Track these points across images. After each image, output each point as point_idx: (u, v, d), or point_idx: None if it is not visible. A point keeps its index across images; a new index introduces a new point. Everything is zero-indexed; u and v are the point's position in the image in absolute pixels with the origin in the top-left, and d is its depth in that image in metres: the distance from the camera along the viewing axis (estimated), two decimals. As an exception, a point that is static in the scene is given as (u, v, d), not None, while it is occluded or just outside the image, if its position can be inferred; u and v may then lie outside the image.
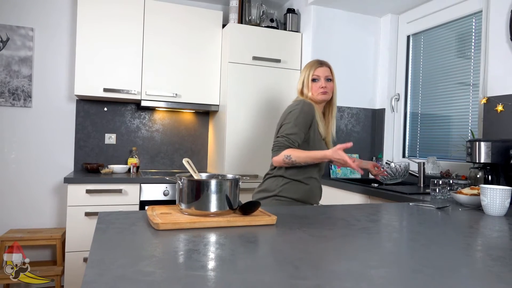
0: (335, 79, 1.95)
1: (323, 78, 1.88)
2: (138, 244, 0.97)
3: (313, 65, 1.91)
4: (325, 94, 1.88)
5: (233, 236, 1.06)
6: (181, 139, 3.39)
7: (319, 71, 1.89)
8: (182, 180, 1.21)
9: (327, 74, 1.90)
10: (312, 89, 1.88)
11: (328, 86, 1.88)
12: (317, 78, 1.88)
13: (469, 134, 2.54)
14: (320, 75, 1.88)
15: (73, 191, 2.55)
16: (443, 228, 1.30)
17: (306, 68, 1.92)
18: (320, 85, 1.87)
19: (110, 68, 2.86)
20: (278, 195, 1.84)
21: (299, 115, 1.80)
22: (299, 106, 1.82)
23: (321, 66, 1.91)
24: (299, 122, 1.79)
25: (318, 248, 1.01)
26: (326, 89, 1.87)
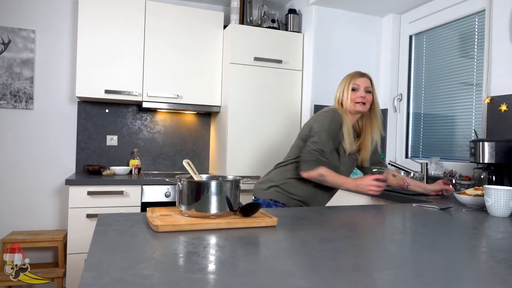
0: (375, 93, 1.92)
1: (363, 88, 1.85)
2: (137, 246, 0.96)
3: (355, 75, 1.89)
4: (362, 106, 1.84)
5: (233, 238, 1.05)
6: (182, 141, 3.38)
7: (360, 81, 1.86)
8: (182, 182, 1.20)
9: (367, 85, 1.87)
10: (350, 98, 1.84)
11: (367, 97, 1.84)
12: (356, 88, 1.85)
13: (472, 134, 2.52)
14: (360, 84, 1.85)
15: (74, 193, 2.54)
16: (447, 230, 1.28)
17: (347, 78, 1.90)
18: (359, 95, 1.83)
19: (111, 69, 2.85)
20: (279, 186, 1.87)
21: (330, 127, 1.80)
22: (329, 115, 1.82)
23: (362, 76, 1.88)
24: (331, 134, 1.80)
25: (319, 251, 1.00)
26: (364, 99, 1.83)
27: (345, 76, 1.93)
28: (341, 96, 1.88)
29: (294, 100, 3.10)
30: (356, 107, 1.83)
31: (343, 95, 1.87)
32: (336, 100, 1.91)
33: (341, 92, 1.89)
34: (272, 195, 1.85)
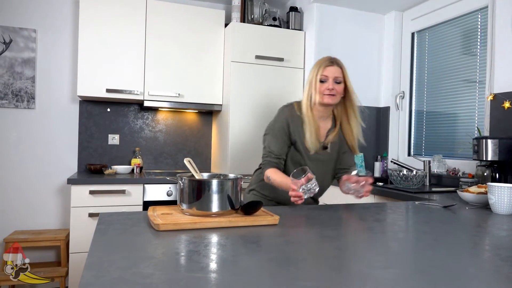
0: (349, 81, 1.72)
1: (332, 79, 1.66)
2: (138, 245, 0.95)
3: (323, 63, 1.69)
4: (331, 97, 1.66)
5: (234, 237, 1.04)
6: (184, 139, 3.37)
7: (329, 71, 1.67)
8: (183, 180, 1.20)
9: (337, 75, 1.68)
10: (318, 90, 1.67)
11: (336, 88, 1.66)
12: (325, 79, 1.67)
13: (475, 131, 2.50)
14: (328, 75, 1.67)
15: (76, 192, 2.54)
16: (450, 228, 1.27)
17: (315, 67, 1.72)
18: (326, 86, 1.66)
19: (112, 68, 2.85)
20: (255, 189, 1.86)
21: (275, 125, 1.72)
22: (277, 113, 1.75)
23: (331, 65, 1.69)
24: (277, 132, 1.70)
25: (321, 249, 0.99)
26: (333, 91, 1.66)
27: (315, 64, 1.73)
28: (310, 87, 1.71)
29: (296, 98, 3.07)
30: (324, 99, 1.67)
31: (311, 87, 1.70)
32: (305, 92, 1.73)
33: (309, 83, 1.71)
34: (251, 198, 1.84)
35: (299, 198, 1.38)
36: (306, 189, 1.35)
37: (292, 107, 1.74)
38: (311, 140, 1.68)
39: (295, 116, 1.71)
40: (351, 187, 1.51)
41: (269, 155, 1.70)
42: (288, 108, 1.74)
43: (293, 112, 1.72)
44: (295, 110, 1.73)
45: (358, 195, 1.54)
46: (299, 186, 1.37)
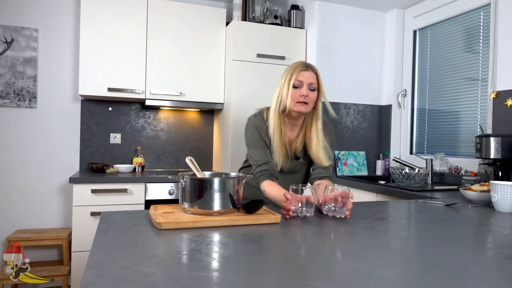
0: (323, 89, 1.59)
1: (306, 85, 1.53)
2: (139, 244, 0.95)
3: (297, 67, 1.56)
4: (304, 106, 1.54)
5: (236, 235, 1.04)
6: (186, 138, 3.37)
7: (303, 76, 1.53)
8: (185, 179, 1.19)
9: (312, 81, 1.54)
10: (291, 96, 1.54)
11: (310, 96, 1.54)
12: (299, 85, 1.54)
13: (478, 129, 2.49)
14: (303, 80, 1.53)
15: (78, 191, 2.54)
16: (452, 226, 1.26)
17: (288, 71, 1.57)
18: (300, 93, 1.53)
19: (114, 67, 2.85)
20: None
21: (247, 136, 1.65)
22: (247, 125, 1.68)
23: (306, 69, 1.55)
24: (254, 143, 1.62)
25: (323, 248, 0.99)
26: (306, 99, 1.53)
27: (287, 68, 1.60)
28: (281, 92, 1.58)
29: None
30: (297, 107, 1.54)
31: (283, 92, 1.56)
32: (275, 97, 1.61)
33: (281, 87, 1.58)
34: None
35: (287, 212, 1.23)
36: (299, 209, 1.24)
37: (260, 116, 1.65)
38: (278, 156, 1.60)
39: (262, 125, 1.62)
40: (331, 208, 1.27)
41: (256, 164, 1.60)
42: (255, 117, 1.66)
43: (261, 121, 1.63)
44: (263, 119, 1.63)
45: (340, 215, 1.27)
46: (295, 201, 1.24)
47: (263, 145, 1.62)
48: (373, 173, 3.15)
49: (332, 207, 1.26)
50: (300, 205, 1.22)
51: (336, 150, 3.05)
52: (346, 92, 3.10)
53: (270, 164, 1.60)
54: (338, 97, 3.08)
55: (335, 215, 1.26)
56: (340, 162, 3.04)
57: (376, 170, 3.15)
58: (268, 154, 1.62)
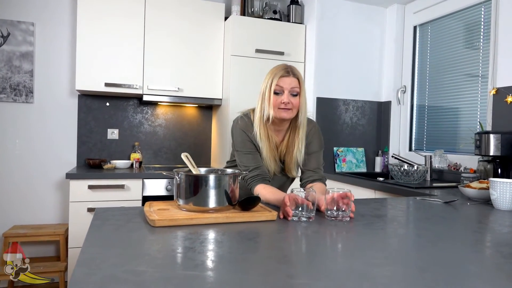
0: (304, 94, 1.56)
1: (288, 91, 1.50)
2: (132, 241, 0.94)
3: (277, 73, 1.51)
4: (287, 112, 1.51)
5: (231, 233, 1.03)
6: (184, 134, 3.35)
7: (284, 81, 1.50)
8: (180, 175, 1.18)
9: (294, 86, 1.50)
10: (273, 103, 1.50)
11: (292, 102, 1.50)
12: (279, 91, 1.51)
13: (477, 126, 2.47)
14: (284, 86, 1.50)
15: (75, 187, 2.53)
16: (451, 224, 1.25)
17: (269, 76, 1.54)
18: (282, 99, 1.49)
19: (111, 62, 2.82)
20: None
21: (236, 140, 1.60)
22: (234, 129, 1.62)
23: (287, 75, 1.51)
24: (242, 147, 1.57)
25: (319, 246, 0.97)
26: (288, 105, 1.50)
27: (268, 72, 1.56)
28: (262, 99, 1.55)
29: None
30: (279, 113, 1.51)
31: (264, 99, 1.53)
32: (258, 104, 1.57)
33: (263, 94, 1.55)
34: None
35: (288, 215, 1.18)
36: (299, 213, 1.18)
37: (247, 118, 1.60)
38: (270, 164, 1.58)
39: (250, 127, 1.58)
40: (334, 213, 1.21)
41: (247, 169, 1.53)
42: (242, 120, 1.60)
43: (248, 124, 1.58)
44: (250, 121, 1.58)
45: (345, 219, 1.21)
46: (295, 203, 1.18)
47: (253, 149, 1.57)
48: (372, 169, 3.14)
49: (335, 211, 1.21)
50: (300, 209, 1.18)
51: (335, 147, 3.04)
52: (345, 88, 3.08)
53: (261, 168, 1.56)
54: (337, 93, 3.06)
55: (339, 219, 1.20)
56: (339, 159, 3.03)
57: (375, 166, 3.13)
58: (258, 158, 1.57)
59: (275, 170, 1.63)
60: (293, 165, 1.62)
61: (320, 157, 1.67)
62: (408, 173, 2.33)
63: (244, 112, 1.66)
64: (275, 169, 1.63)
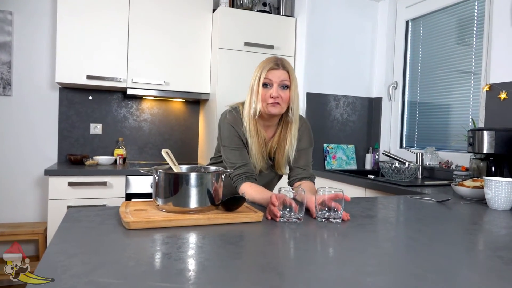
0: (296, 88, 1.47)
1: (277, 84, 1.42)
2: (103, 247, 0.85)
3: (266, 65, 1.44)
4: (274, 107, 1.42)
5: (213, 236, 0.95)
6: (170, 129, 3.26)
7: (273, 74, 1.42)
8: (159, 173, 1.09)
9: (283, 79, 1.42)
10: (261, 96, 1.42)
11: (282, 96, 1.42)
12: (269, 84, 1.43)
13: (469, 123, 2.43)
14: (273, 79, 1.42)
15: (54, 184, 2.42)
16: (445, 225, 1.19)
17: (258, 69, 1.46)
18: (270, 93, 1.41)
19: (93, 54, 2.71)
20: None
21: (223, 135, 1.51)
22: (222, 123, 1.53)
23: (277, 68, 1.43)
24: (229, 143, 1.49)
25: (307, 251, 0.90)
26: (277, 99, 1.41)
27: (259, 64, 1.48)
28: (251, 93, 1.47)
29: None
30: (267, 108, 1.43)
31: (253, 93, 1.45)
32: (248, 98, 1.49)
33: (251, 88, 1.47)
34: None
35: (275, 216, 1.11)
36: (287, 214, 1.10)
37: (236, 112, 1.51)
38: (257, 161, 1.50)
39: (239, 122, 1.50)
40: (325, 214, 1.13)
41: (233, 166, 1.46)
42: (231, 114, 1.51)
43: (237, 119, 1.50)
44: (239, 116, 1.50)
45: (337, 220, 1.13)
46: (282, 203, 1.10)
47: (241, 145, 1.49)
48: (362, 167, 3.09)
49: (326, 212, 1.12)
50: (289, 209, 1.10)
51: (325, 143, 2.97)
52: (336, 83, 3.01)
53: (248, 166, 1.48)
54: (327, 88, 2.99)
55: (331, 220, 1.12)
56: (329, 156, 2.96)
57: (365, 163, 3.08)
58: (246, 155, 1.50)
59: (262, 167, 1.56)
60: (284, 162, 1.55)
61: (309, 155, 1.60)
62: (399, 170, 2.28)
63: (232, 106, 1.57)
64: (262, 166, 1.55)
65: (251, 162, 1.51)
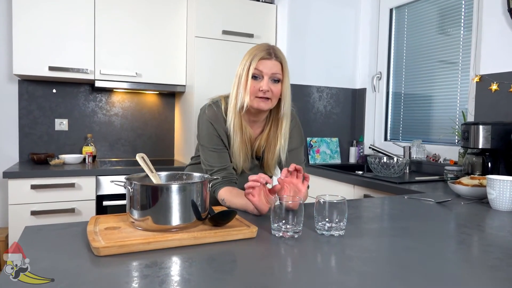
0: (288, 81, 1.32)
1: (268, 77, 1.28)
2: (64, 280, 0.68)
3: (257, 54, 1.28)
4: (263, 102, 1.28)
5: (201, 262, 0.79)
6: (143, 124, 3.04)
7: (264, 65, 1.27)
8: (133, 186, 0.92)
9: (275, 71, 1.28)
10: (250, 89, 1.28)
11: (273, 90, 1.28)
12: (259, 75, 1.28)
13: (456, 115, 2.37)
14: (264, 71, 1.27)
15: (15, 187, 2.18)
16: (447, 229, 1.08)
17: (247, 57, 1.30)
18: (260, 86, 1.27)
19: (55, 43, 2.45)
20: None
21: (201, 134, 1.38)
22: (200, 120, 1.39)
23: (269, 58, 1.28)
24: (207, 143, 1.35)
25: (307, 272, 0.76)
26: (267, 94, 1.28)
27: (247, 52, 1.33)
28: (238, 83, 1.32)
29: (267, 79, 2.82)
30: (256, 103, 1.28)
31: (240, 83, 1.30)
32: (234, 89, 1.34)
33: (238, 77, 1.32)
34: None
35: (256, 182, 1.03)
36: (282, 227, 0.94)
37: (217, 107, 1.37)
38: (239, 161, 1.36)
39: (220, 118, 1.35)
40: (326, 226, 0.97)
41: (210, 170, 1.34)
42: (210, 109, 1.37)
43: (218, 114, 1.36)
44: (220, 110, 1.36)
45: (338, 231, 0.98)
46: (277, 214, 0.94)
47: (220, 145, 1.35)
48: (346, 160, 2.99)
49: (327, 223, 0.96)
50: (284, 222, 0.95)
51: (308, 137, 2.85)
52: (318, 74, 2.89)
53: (228, 170, 1.35)
54: (310, 79, 2.86)
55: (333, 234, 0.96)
56: (313, 150, 2.85)
57: (349, 157, 2.99)
58: (226, 157, 1.36)
59: (245, 167, 1.41)
60: (274, 163, 1.42)
61: (301, 154, 1.47)
62: (389, 166, 2.19)
63: (213, 100, 1.41)
64: (245, 166, 1.40)
65: (233, 162, 1.37)
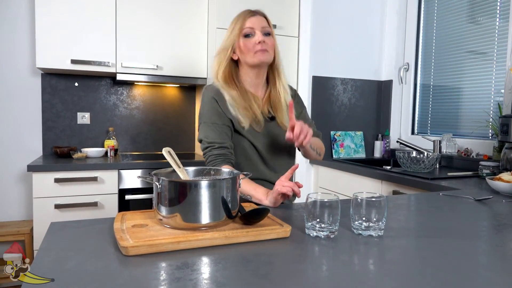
0: (274, 35, 1.39)
1: (259, 30, 1.32)
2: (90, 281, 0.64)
3: (242, 15, 1.36)
4: (264, 54, 1.32)
5: (235, 264, 0.74)
6: (164, 117, 3.02)
7: (252, 21, 1.33)
8: (161, 182, 0.88)
9: (264, 25, 1.34)
10: (246, 47, 1.32)
11: (267, 41, 1.33)
12: (250, 33, 1.33)
13: (491, 108, 2.25)
14: (254, 27, 1.32)
15: (39, 180, 2.19)
16: (490, 232, 1.00)
17: (233, 22, 1.37)
18: (256, 40, 1.31)
19: (78, 36, 2.44)
20: None
21: (204, 109, 1.36)
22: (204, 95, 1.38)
23: (254, 14, 1.35)
24: (209, 118, 1.34)
25: (352, 279, 0.70)
26: (264, 45, 1.32)
27: (232, 21, 1.39)
28: (230, 49, 1.36)
29: (290, 71, 2.75)
30: (256, 57, 1.32)
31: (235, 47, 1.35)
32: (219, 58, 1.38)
33: (230, 43, 1.36)
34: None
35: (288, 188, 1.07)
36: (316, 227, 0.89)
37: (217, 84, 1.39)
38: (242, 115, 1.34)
39: (222, 94, 1.36)
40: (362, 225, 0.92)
41: (211, 146, 1.31)
42: (213, 86, 1.38)
43: (219, 88, 1.37)
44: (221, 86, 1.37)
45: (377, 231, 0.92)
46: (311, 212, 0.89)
47: (221, 122, 1.34)
48: (370, 155, 2.90)
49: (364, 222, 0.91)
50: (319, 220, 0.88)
51: (332, 130, 2.77)
52: (343, 66, 2.80)
53: (228, 149, 1.33)
54: (334, 71, 2.77)
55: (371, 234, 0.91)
56: (337, 144, 2.77)
57: (374, 151, 2.90)
58: (227, 136, 1.34)
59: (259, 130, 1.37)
60: (286, 117, 1.42)
61: (307, 115, 1.53)
62: (418, 160, 2.10)
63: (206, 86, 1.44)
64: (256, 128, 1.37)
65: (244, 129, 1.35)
